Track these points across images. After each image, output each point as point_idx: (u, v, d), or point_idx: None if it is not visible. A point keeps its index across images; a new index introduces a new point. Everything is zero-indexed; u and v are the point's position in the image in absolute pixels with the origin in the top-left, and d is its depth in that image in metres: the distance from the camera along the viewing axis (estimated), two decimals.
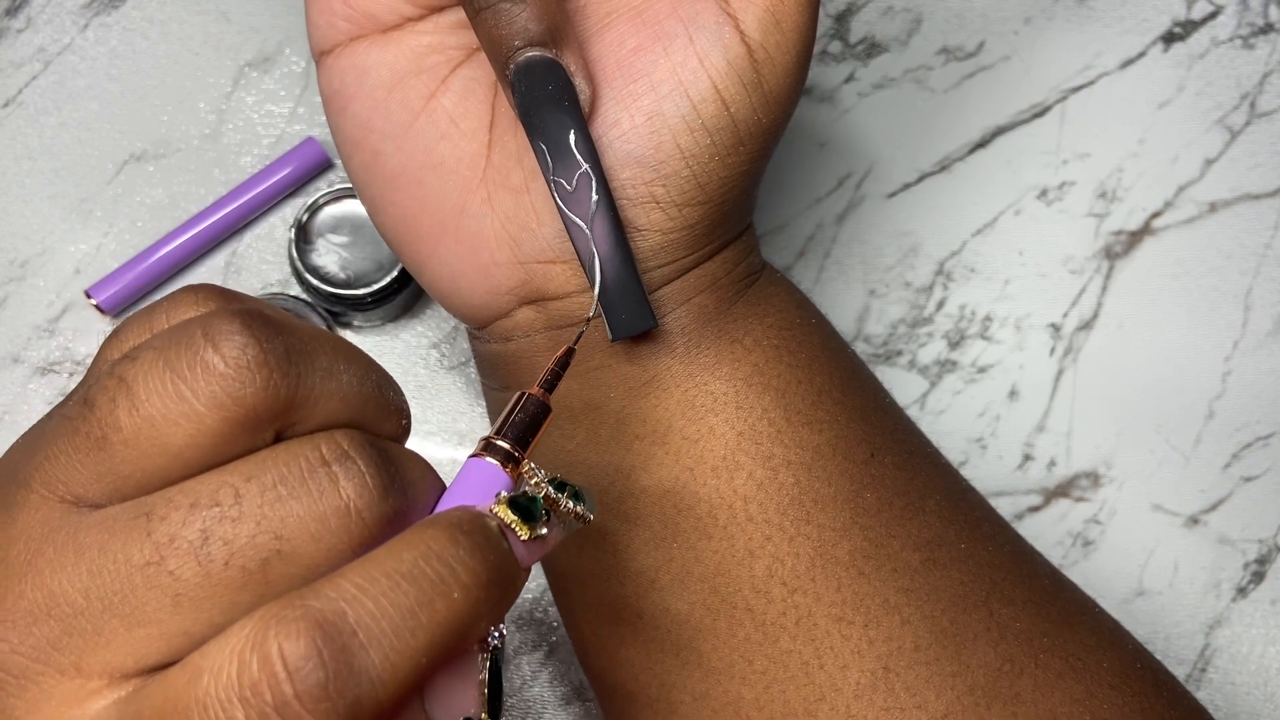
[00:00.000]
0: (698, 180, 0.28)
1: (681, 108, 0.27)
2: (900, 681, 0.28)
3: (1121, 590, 0.43)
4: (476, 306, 0.30)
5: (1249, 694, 0.42)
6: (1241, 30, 0.46)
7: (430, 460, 0.44)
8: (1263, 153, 0.45)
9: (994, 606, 0.29)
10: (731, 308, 0.30)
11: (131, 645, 0.18)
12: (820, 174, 0.45)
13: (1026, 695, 0.28)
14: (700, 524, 0.29)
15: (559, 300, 0.29)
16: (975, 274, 0.44)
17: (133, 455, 0.19)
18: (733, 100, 0.27)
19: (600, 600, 0.31)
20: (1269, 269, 0.44)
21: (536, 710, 0.41)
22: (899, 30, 0.45)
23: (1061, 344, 0.44)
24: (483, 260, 0.29)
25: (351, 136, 0.30)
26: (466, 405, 0.43)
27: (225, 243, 0.43)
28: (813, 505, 0.29)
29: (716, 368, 0.29)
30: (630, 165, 0.28)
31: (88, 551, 0.18)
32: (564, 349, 0.25)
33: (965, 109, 0.45)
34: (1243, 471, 0.43)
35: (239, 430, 0.19)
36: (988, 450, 0.43)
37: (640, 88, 0.28)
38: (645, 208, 0.28)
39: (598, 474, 0.30)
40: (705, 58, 0.27)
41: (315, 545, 0.19)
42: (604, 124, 0.28)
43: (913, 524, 0.30)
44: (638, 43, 0.28)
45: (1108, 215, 0.45)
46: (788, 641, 0.28)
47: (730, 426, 0.29)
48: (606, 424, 0.30)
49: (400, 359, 0.43)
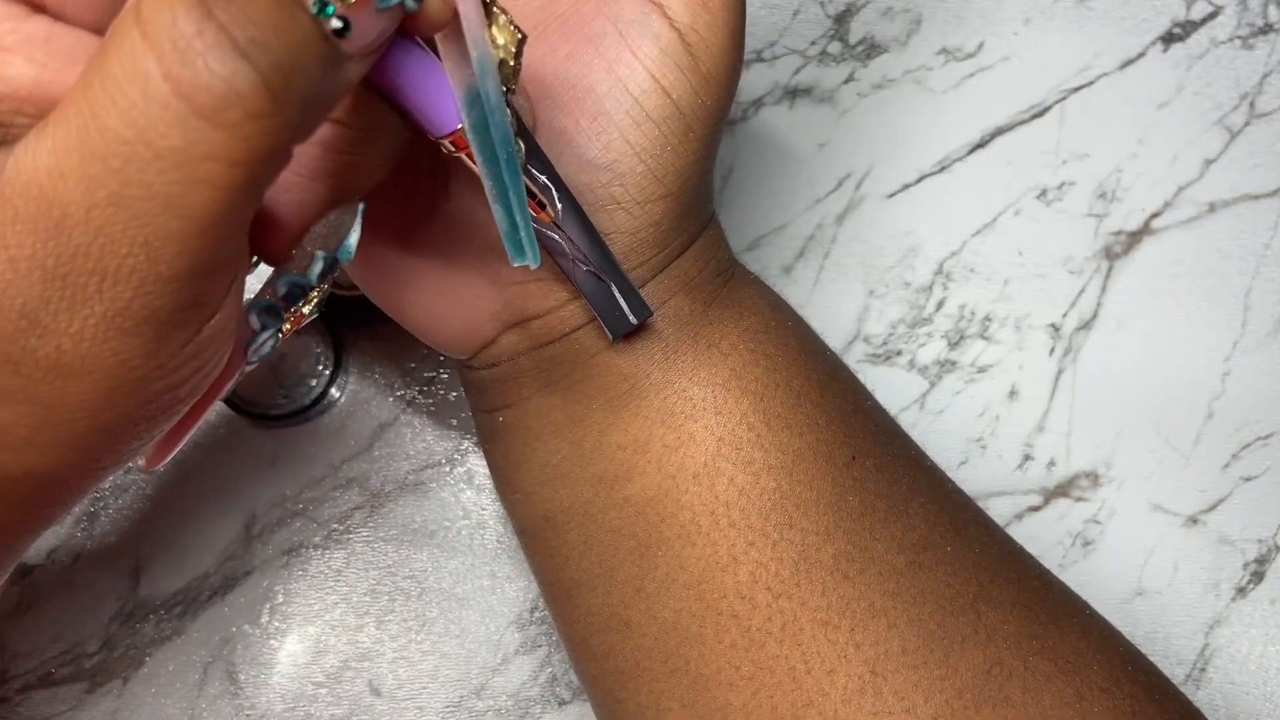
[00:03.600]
0: (654, 174, 0.28)
1: (624, 103, 0.27)
2: (888, 685, 0.28)
3: (1121, 590, 0.43)
4: (461, 338, 0.30)
5: (1248, 694, 0.42)
6: (1241, 30, 0.46)
7: (430, 462, 0.44)
8: (1262, 153, 0.45)
9: (981, 609, 0.29)
10: (707, 310, 0.30)
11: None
12: (820, 174, 0.45)
13: (1016, 698, 0.28)
14: (684, 531, 0.29)
15: (541, 318, 0.29)
16: (975, 274, 0.44)
17: None
18: (672, 87, 0.27)
19: (588, 610, 0.31)
20: (1268, 269, 0.44)
21: (536, 711, 0.41)
22: (898, 31, 0.45)
23: (1061, 344, 0.44)
24: (459, 291, 0.29)
25: None
26: (466, 405, 0.43)
27: None
28: (795, 510, 0.29)
29: (694, 373, 0.29)
30: (585, 170, 0.28)
31: None
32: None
33: (965, 109, 0.45)
34: (1242, 471, 0.43)
35: None
36: (987, 450, 0.43)
37: (580, 91, 0.28)
38: (608, 211, 0.28)
39: (581, 485, 0.30)
40: (638, 50, 0.27)
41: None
42: (551, 134, 0.28)
43: (897, 527, 0.29)
44: (570, 48, 0.28)
45: (1107, 215, 0.45)
46: (774, 647, 0.28)
47: (710, 433, 0.29)
48: (590, 436, 0.30)
49: (399, 359, 0.43)
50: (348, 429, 0.42)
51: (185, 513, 0.42)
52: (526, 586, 0.42)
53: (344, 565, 0.42)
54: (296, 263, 0.24)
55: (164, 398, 0.21)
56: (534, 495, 0.31)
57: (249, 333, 0.24)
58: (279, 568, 0.42)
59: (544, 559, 0.32)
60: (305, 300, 0.24)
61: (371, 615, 0.42)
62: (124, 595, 0.41)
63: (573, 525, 0.30)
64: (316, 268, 0.24)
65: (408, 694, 0.41)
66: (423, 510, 0.42)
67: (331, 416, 0.43)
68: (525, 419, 0.30)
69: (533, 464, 0.30)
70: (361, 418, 0.43)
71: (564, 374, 0.29)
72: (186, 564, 0.41)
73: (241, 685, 0.41)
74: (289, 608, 0.42)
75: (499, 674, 0.42)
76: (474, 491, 0.42)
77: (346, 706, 0.41)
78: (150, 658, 0.41)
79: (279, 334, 0.24)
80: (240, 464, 0.42)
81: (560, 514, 0.30)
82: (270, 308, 0.24)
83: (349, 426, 0.42)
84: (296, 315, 0.24)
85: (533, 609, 0.42)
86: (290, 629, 0.41)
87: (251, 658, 0.41)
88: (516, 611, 0.42)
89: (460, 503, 0.42)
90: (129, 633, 0.41)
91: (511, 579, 0.42)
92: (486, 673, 0.41)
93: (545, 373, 0.30)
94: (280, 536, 0.42)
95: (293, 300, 0.24)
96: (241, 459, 0.42)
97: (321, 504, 0.42)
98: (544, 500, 0.31)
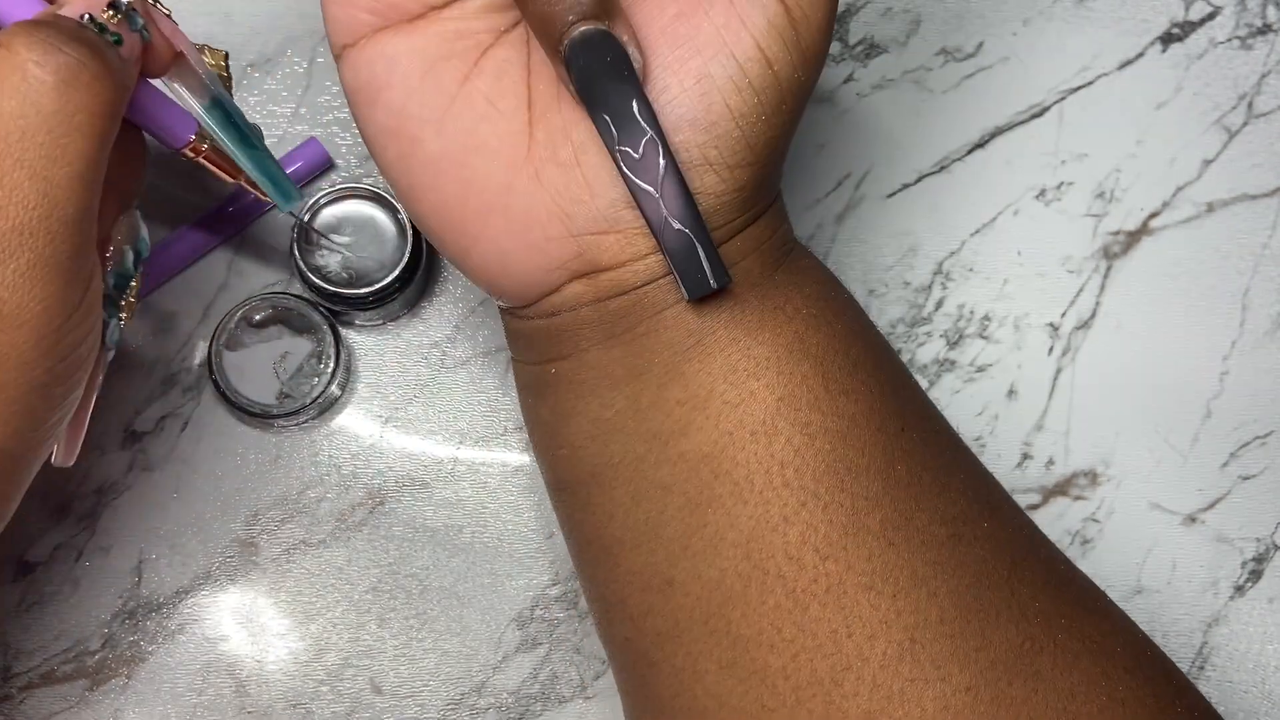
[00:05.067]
0: (747, 140, 0.28)
1: (729, 68, 0.28)
2: (925, 653, 0.28)
3: (1120, 588, 0.43)
4: (527, 285, 0.30)
5: (1246, 692, 0.42)
6: (1239, 31, 0.46)
7: (431, 460, 0.44)
8: (1260, 153, 0.45)
9: (1015, 585, 0.29)
10: (774, 275, 0.30)
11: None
12: (819, 175, 0.45)
13: (1046, 673, 0.28)
14: (737, 488, 0.29)
15: (611, 271, 0.29)
16: (974, 274, 0.44)
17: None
18: (775, 58, 0.28)
19: (630, 569, 0.31)
20: (1266, 269, 0.44)
21: (536, 709, 0.42)
22: (898, 31, 0.45)
23: (1060, 343, 0.44)
24: (534, 237, 0.29)
25: (386, 126, 0.30)
26: (467, 405, 0.43)
27: (227, 242, 0.43)
28: (846, 473, 0.29)
29: (759, 332, 0.29)
30: (684, 129, 0.28)
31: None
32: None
33: (964, 110, 0.45)
34: (1240, 470, 0.43)
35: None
36: (986, 449, 0.43)
37: (686, 52, 0.28)
38: (699, 170, 0.28)
39: (635, 440, 0.30)
40: (746, 18, 0.28)
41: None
42: (654, 90, 0.28)
43: (940, 499, 0.30)
44: (678, 9, 0.28)
45: (1106, 215, 0.45)
46: (817, 609, 0.28)
47: (770, 391, 0.29)
48: (649, 389, 0.30)
49: (401, 358, 0.43)
50: (349, 428, 0.43)
51: (187, 511, 0.42)
52: (527, 584, 0.42)
53: (345, 563, 0.42)
54: (114, 260, 0.30)
55: (74, 354, 0.27)
56: (583, 449, 0.31)
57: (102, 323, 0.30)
58: (281, 566, 0.42)
59: (584, 517, 0.31)
60: (129, 291, 0.31)
61: (373, 613, 0.42)
62: (126, 593, 0.41)
63: (621, 481, 0.30)
64: (129, 258, 0.31)
65: (409, 691, 0.41)
66: (424, 509, 0.42)
67: (333, 415, 0.43)
68: (580, 371, 0.30)
69: (584, 417, 0.31)
70: (363, 416, 0.43)
71: (628, 327, 0.30)
72: (189, 562, 0.42)
73: (243, 683, 0.41)
74: (291, 605, 0.42)
75: (500, 672, 0.42)
76: (475, 490, 0.43)
77: (348, 704, 0.41)
78: (153, 655, 0.41)
79: (120, 319, 0.31)
80: (242, 462, 0.42)
81: (608, 469, 0.30)
82: (108, 297, 0.30)
83: (350, 425, 0.43)
84: (128, 301, 0.31)
85: (533, 607, 0.42)
86: (292, 627, 0.42)
87: (253, 655, 0.41)
88: (517, 609, 0.42)
89: (461, 501, 0.42)
90: (131, 630, 0.41)
91: (512, 577, 0.42)
92: (487, 670, 0.42)
93: (608, 325, 0.30)
94: (282, 535, 0.42)
95: (121, 289, 0.31)
96: (243, 457, 0.42)
97: (323, 502, 0.42)
98: (592, 455, 0.31)
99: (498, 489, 0.42)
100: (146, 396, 0.42)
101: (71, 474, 0.41)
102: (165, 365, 0.42)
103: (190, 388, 0.42)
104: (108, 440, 0.42)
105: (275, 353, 0.42)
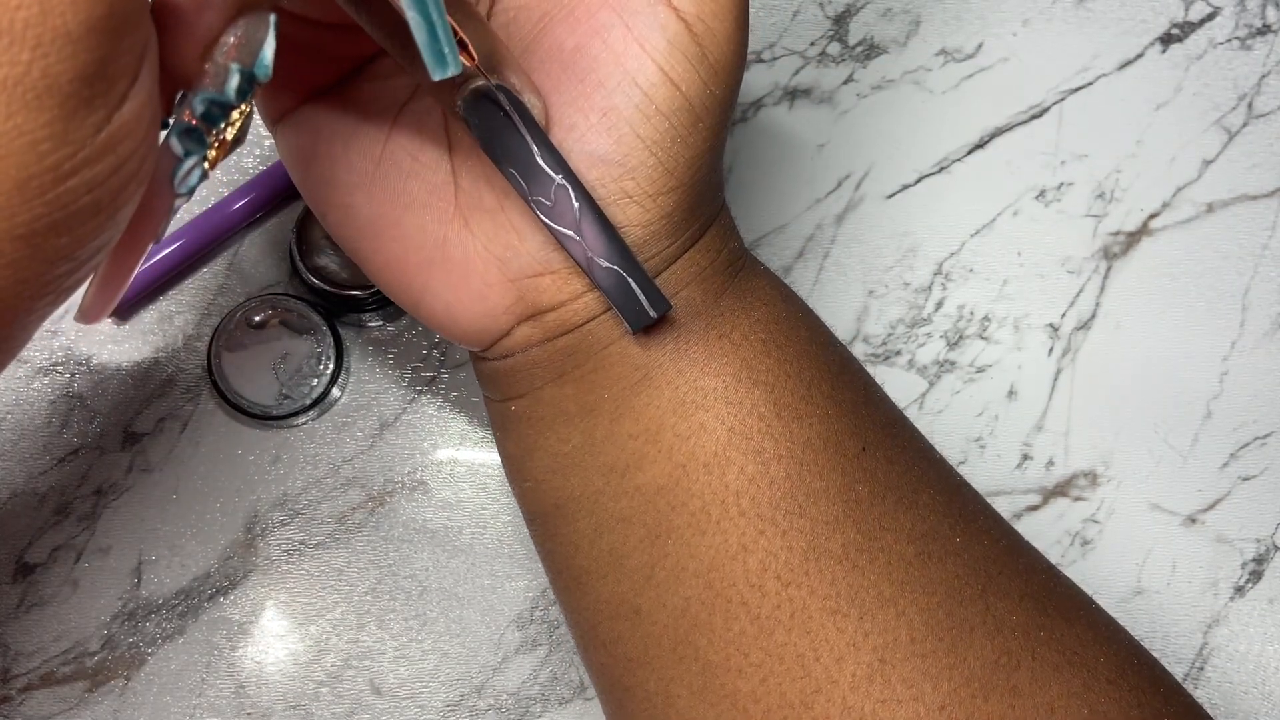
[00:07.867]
0: (664, 167, 0.28)
1: (633, 97, 0.27)
2: (896, 673, 0.28)
3: (1119, 589, 0.43)
4: (478, 331, 0.30)
5: (1246, 693, 0.42)
6: (1239, 31, 0.46)
7: (430, 461, 0.44)
8: (1260, 153, 0.45)
9: (990, 600, 0.29)
10: (718, 300, 0.30)
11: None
12: (819, 175, 0.45)
13: (1024, 688, 0.28)
14: (694, 519, 0.29)
15: (554, 311, 0.29)
16: (974, 274, 0.44)
17: None
18: (681, 79, 0.27)
19: (597, 597, 0.31)
20: (1266, 269, 0.44)
21: (536, 710, 0.42)
22: (897, 32, 0.45)
23: (1060, 344, 0.44)
24: (474, 285, 0.29)
25: (319, 195, 0.30)
26: (467, 405, 0.43)
27: (227, 243, 0.43)
28: (805, 499, 0.29)
29: (706, 363, 0.29)
30: (596, 165, 0.28)
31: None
32: None
33: (964, 110, 0.45)
34: (1240, 471, 0.43)
35: None
36: (986, 450, 0.43)
37: (588, 86, 0.28)
38: (620, 205, 0.28)
39: (592, 474, 0.30)
40: (645, 42, 0.27)
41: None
42: (561, 130, 0.28)
43: (906, 517, 0.30)
44: (576, 41, 0.28)
45: (1106, 216, 0.45)
46: (783, 635, 0.28)
47: (721, 423, 0.29)
48: (601, 424, 0.30)
49: (400, 359, 0.43)
50: (349, 428, 0.43)
51: (187, 512, 0.42)
52: (527, 585, 0.42)
53: (345, 564, 0.42)
54: (212, 79, 0.22)
55: (82, 199, 0.20)
56: (545, 483, 0.31)
57: (172, 160, 0.23)
58: (280, 567, 0.42)
59: (554, 547, 0.32)
60: (228, 122, 0.23)
61: (372, 614, 0.42)
62: (126, 594, 0.41)
63: (583, 513, 0.30)
64: (233, 82, 0.22)
65: (409, 692, 0.41)
66: (424, 510, 0.42)
67: (333, 416, 0.43)
68: (537, 408, 0.30)
69: (544, 452, 0.31)
70: (363, 417, 0.43)
71: (576, 364, 0.30)
72: (188, 563, 0.42)
73: (243, 684, 0.41)
74: (290, 607, 0.42)
75: (499, 673, 0.42)
76: (475, 491, 0.43)
77: (348, 705, 0.41)
78: (152, 657, 0.41)
79: (205, 162, 0.23)
80: (242, 463, 0.42)
81: (571, 502, 0.30)
82: (190, 130, 0.23)
83: (350, 426, 0.43)
84: (220, 140, 0.23)
85: (533, 608, 0.42)
86: (292, 628, 0.42)
87: (253, 657, 0.41)
88: (517, 611, 0.42)
89: (461, 502, 0.42)
90: (131, 632, 0.41)
91: (512, 578, 0.42)
92: (487, 671, 0.42)
93: (558, 363, 0.30)
94: (282, 536, 0.42)
95: (213, 122, 0.23)
96: (243, 459, 0.42)
97: (322, 503, 0.42)
98: (555, 488, 0.31)
99: (497, 490, 0.42)
100: (146, 397, 0.42)
101: (71, 475, 0.41)
102: (165, 366, 0.42)
103: (190, 389, 0.42)
104: (107, 441, 0.42)
105: (275, 353, 0.42)
